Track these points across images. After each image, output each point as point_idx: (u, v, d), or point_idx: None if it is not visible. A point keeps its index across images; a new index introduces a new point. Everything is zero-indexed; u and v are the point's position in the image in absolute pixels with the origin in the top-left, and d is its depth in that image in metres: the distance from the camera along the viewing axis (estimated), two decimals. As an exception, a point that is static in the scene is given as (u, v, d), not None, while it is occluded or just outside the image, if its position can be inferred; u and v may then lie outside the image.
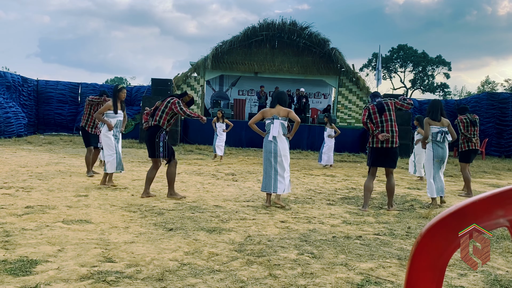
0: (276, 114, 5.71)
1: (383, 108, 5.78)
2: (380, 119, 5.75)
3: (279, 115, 5.70)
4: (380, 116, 5.76)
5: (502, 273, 3.29)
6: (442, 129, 6.27)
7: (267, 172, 5.70)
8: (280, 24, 19.33)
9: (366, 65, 44.82)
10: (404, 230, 4.62)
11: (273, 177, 5.65)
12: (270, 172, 5.67)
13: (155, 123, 5.86)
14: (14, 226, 4.02)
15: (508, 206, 0.82)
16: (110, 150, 6.68)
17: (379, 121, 5.76)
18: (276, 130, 5.65)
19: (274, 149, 5.66)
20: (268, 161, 5.70)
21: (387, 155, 5.74)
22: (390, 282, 3.01)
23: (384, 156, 5.75)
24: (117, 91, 6.71)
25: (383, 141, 5.69)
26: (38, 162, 9.15)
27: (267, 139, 5.72)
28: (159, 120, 5.85)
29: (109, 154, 6.67)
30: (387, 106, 5.79)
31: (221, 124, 12.07)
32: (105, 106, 6.66)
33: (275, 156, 5.65)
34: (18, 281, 2.72)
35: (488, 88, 42.59)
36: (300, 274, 3.08)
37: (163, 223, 4.46)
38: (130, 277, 2.89)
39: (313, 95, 21.51)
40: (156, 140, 5.81)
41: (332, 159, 11.37)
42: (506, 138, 17.68)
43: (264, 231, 4.33)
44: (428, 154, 6.35)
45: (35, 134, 19.62)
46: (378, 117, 5.76)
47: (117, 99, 6.69)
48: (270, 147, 5.69)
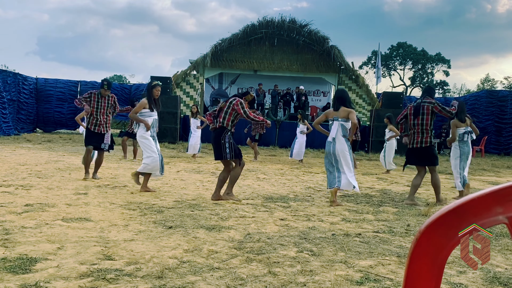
0: (336, 115, 5.81)
1: (418, 112, 6.10)
2: (413, 122, 6.13)
3: (339, 117, 5.79)
4: (414, 118, 6.12)
5: (501, 271, 3.30)
6: (467, 129, 6.75)
7: (329, 170, 5.84)
8: (279, 22, 19.29)
9: (365, 62, 44.79)
10: (404, 228, 4.63)
11: (335, 173, 5.78)
12: (333, 171, 5.80)
13: (219, 124, 5.69)
14: (14, 224, 4.02)
15: (507, 203, 0.82)
16: (150, 151, 6.12)
17: (412, 124, 6.14)
18: (334, 132, 5.80)
19: (332, 150, 5.78)
20: (328, 160, 5.85)
21: (419, 154, 6.13)
22: (390, 279, 3.02)
23: (416, 155, 6.16)
24: (151, 87, 6.20)
25: (413, 141, 6.11)
26: (38, 160, 9.15)
27: (328, 139, 5.87)
28: (223, 121, 5.69)
29: (149, 155, 6.10)
30: (422, 110, 6.07)
31: (195, 120, 11.40)
32: (139, 105, 6.14)
33: (333, 156, 5.78)
34: (17, 279, 2.72)
35: (487, 86, 42.59)
36: (299, 272, 3.09)
37: (163, 221, 4.47)
38: (129, 275, 2.89)
39: (313, 93, 21.49)
40: (222, 142, 5.65)
41: (302, 154, 11.58)
42: (505, 136, 17.70)
43: (264, 229, 4.33)
44: (455, 152, 6.81)
45: (34, 132, 19.61)
46: (413, 119, 6.14)
47: (151, 97, 6.19)
48: (329, 148, 5.83)
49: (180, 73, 19.70)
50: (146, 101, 6.16)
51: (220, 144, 5.66)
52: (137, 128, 6.29)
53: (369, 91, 20.23)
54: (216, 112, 5.88)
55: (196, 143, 11.38)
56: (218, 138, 5.68)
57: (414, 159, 6.22)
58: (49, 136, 17.03)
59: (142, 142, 6.18)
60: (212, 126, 5.81)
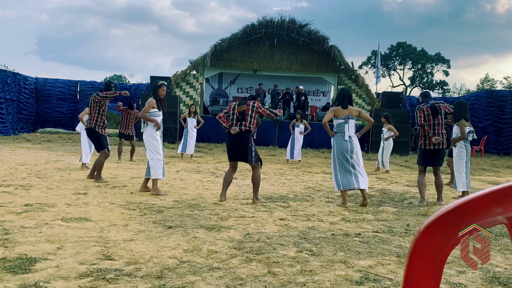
0: (349, 114, 5.83)
1: (437, 111, 6.10)
2: (433, 122, 6.10)
3: (352, 115, 5.84)
4: (433, 118, 6.10)
5: (501, 270, 3.30)
6: (470, 129, 6.76)
7: (346, 169, 5.78)
8: (279, 22, 19.29)
9: (365, 62, 44.78)
10: (403, 228, 4.63)
11: (353, 172, 5.76)
12: (349, 168, 5.77)
13: (246, 128, 5.70)
14: (13, 224, 4.02)
15: (506, 203, 0.82)
16: (157, 154, 5.99)
17: (432, 124, 6.09)
18: (352, 130, 5.83)
19: (350, 147, 5.79)
20: (345, 158, 5.81)
21: (438, 156, 6.16)
22: (389, 279, 3.02)
23: (435, 157, 6.17)
24: (157, 87, 6.07)
25: (436, 143, 6.07)
26: (37, 160, 9.15)
27: (343, 138, 5.82)
28: (249, 125, 5.71)
29: (156, 158, 5.98)
30: (440, 109, 6.12)
31: (193, 120, 11.25)
32: (149, 104, 5.98)
33: (351, 154, 5.79)
34: (17, 279, 2.72)
35: (487, 86, 42.60)
36: (299, 272, 3.09)
37: (162, 221, 4.47)
38: (129, 275, 2.89)
39: (312, 92, 21.49)
40: (249, 145, 5.69)
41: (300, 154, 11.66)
42: (504, 136, 17.71)
43: (263, 229, 4.33)
44: (461, 152, 6.68)
45: (34, 132, 19.60)
46: (432, 119, 6.10)
47: (157, 97, 6.07)
48: (346, 146, 5.80)
49: (180, 73, 19.70)
50: (154, 100, 6.04)
51: (248, 148, 5.69)
52: (145, 128, 6.14)
53: (368, 91, 20.23)
54: (231, 115, 5.81)
55: (193, 143, 11.25)
56: (246, 142, 5.69)
57: (433, 161, 6.19)
58: (49, 136, 17.02)
59: (150, 142, 6.02)
60: (235, 129, 5.70)
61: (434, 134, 6.08)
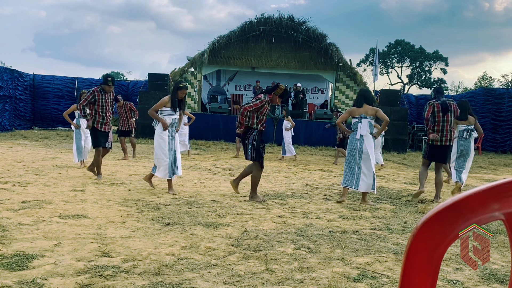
0: (363, 113, 5.80)
1: (447, 109, 6.18)
2: (442, 118, 6.17)
3: (367, 114, 5.79)
4: (443, 115, 6.16)
5: (498, 267, 3.32)
6: (468, 127, 6.87)
7: (351, 168, 5.81)
8: (277, 19, 19.27)
9: (363, 60, 44.82)
10: (401, 225, 4.64)
11: (356, 173, 5.76)
12: (354, 168, 5.78)
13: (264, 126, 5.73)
14: (11, 221, 4.02)
15: (503, 200, 0.82)
16: (162, 153, 5.93)
17: (440, 120, 6.16)
18: (364, 129, 5.78)
19: (360, 146, 5.77)
20: (353, 157, 5.81)
21: (443, 152, 6.25)
22: (386, 276, 3.03)
23: (440, 152, 6.25)
24: (177, 88, 5.99)
25: (443, 139, 6.15)
26: (35, 157, 9.12)
27: (354, 137, 5.83)
28: (247, 122, 5.66)
29: (161, 158, 5.93)
30: (450, 107, 6.19)
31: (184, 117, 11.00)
32: (160, 102, 5.94)
33: (360, 153, 5.76)
34: (14, 276, 2.71)
35: (484, 84, 42.68)
36: (296, 269, 3.09)
37: (160, 218, 4.46)
38: (127, 272, 2.89)
39: (311, 90, 21.47)
40: (246, 142, 5.68)
41: (293, 149, 11.71)
42: (501, 134, 17.75)
43: (261, 226, 4.34)
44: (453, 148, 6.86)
45: (31, 129, 19.54)
46: (441, 116, 6.16)
47: (176, 97, 6.00)
48: (356, 145, 5.80)
49: (178, 70, 19.65)
50: (168, 99, 5.97)
51: (245, 145, 5.72)
52: (156, 125, 6.05)
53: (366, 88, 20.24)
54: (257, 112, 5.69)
55: (186, 139, 11.11)
56: (244, 138, 5.72)
57: (438, 156, 6.27)
58: (46, 133, 16.97)
59: (157, 141, 6.00)
60: (261, 127, 5.70)
61: (443, 131, 6.13)
